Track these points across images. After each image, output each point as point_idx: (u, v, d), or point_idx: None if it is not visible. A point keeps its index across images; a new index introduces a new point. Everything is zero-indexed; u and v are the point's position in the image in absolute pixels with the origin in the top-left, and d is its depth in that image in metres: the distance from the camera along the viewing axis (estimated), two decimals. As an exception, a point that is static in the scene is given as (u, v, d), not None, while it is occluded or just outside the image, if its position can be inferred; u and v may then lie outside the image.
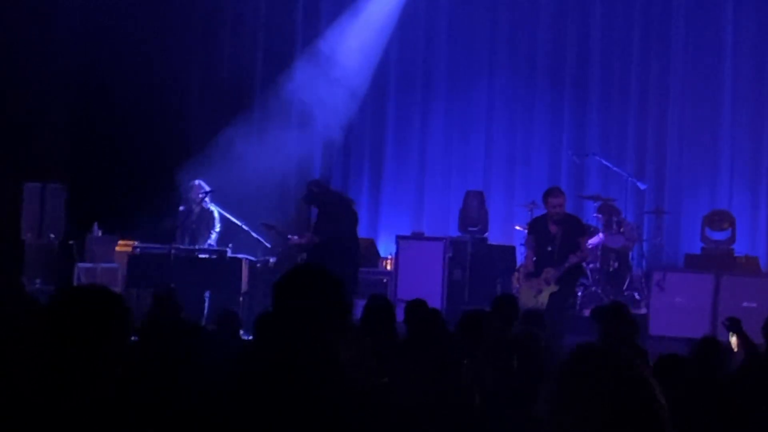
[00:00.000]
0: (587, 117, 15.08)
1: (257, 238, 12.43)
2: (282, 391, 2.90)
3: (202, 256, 12.13)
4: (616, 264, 13.17)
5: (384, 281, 13.14)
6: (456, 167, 15.49)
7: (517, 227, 13.64)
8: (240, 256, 12.13)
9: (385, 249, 14.34)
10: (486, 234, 14.14)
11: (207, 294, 11.66)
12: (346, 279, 10.08)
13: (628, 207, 13.89)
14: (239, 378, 3.08)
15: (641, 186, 14.11)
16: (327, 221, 11.36)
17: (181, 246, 12.26)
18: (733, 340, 7.47)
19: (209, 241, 12.43)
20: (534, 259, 10.68)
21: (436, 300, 11.63)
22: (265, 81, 15.25)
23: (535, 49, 15.33)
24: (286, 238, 12.12)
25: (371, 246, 14.06)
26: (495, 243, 14.06)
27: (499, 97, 15.37)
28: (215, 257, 12.08)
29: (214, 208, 12.56)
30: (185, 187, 12.78)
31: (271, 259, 12.49)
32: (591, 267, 12.88)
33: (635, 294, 12.97)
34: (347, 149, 15.73)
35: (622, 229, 13.15)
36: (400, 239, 13.47)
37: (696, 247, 13.79)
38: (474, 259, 13.45)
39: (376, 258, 13.97)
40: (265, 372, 2.98)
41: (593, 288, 12.86)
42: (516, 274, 12.19)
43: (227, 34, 15.38)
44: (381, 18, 15.12)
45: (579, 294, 12.44)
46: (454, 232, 14.26)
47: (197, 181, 12.59)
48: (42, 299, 6.47)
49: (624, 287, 13.07)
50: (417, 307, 7.08)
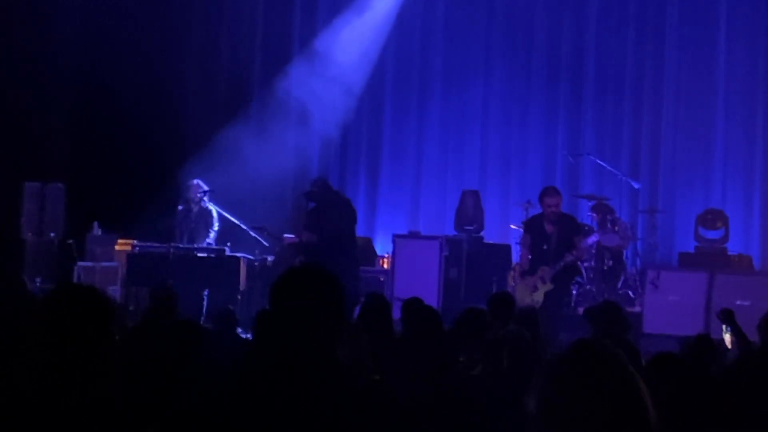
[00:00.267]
0: (582, 117, 15.13)
1: (255, 237, 12.50)
2: (281, 390, 2.90)
3: (200, 255, 12.17)
4: (610, 262, 13.18)
5: (381, 280, 13.19)
6: (452, 167, 15.56)
7: (513, 226, 13.69)
8: (238, 254, 12.19)
9: (382, 248, 14.40)
10: (482, 233, 14.14)
11: (206, 292, 11.69)
12: (347, 276, 10.22)
13: (622, 206, 13.92)
14: (238, 376, 3.06)
15: (635, 185, 14.13)
16: (327, 219, 11.40)
17: (180, 245, 12.30)
18: (727, 337, 7.52)
19: (208, 240, 12.49)
20: (529, 258, 10.78)
21: (432, 298, 11.65)
22: (263, 80, 15.31)
23: (531, 49, 15.39)
24: (280, 238, 12.18)
25: (368, 245, 14.12)
26: (491, 242, 14.05)
27: (495, 97, 15.44)
28: (214, 256, 12.14)
29: (212, 207, 12.61)
30: (184, 187, 12.84)
31: (269, 258, 12.56)
32: (586, 265, 12.89)
33: (630, 292, 12.99)
34: (344, 148, 15.78)
35: (616, 228, 13.18)
36: (396, 238, 13.53)
37: (690, 246, 13.83)
38: (470, 258, 13.46)
39: (372, 256, 14.01)
40: (264, 370, 2.98)
41: (588, 286, 12.88)
42: (512, 272, 12.21)
43: (226, 34, 15.44)
44: (378, 18, 15.17)
45: (574, 292, 12.49)
46: (450, 230, 14.28)
47: (196, 181, 12.64)
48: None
49: (618, 286, 13.08)
50: (414, 306, 7.03)
